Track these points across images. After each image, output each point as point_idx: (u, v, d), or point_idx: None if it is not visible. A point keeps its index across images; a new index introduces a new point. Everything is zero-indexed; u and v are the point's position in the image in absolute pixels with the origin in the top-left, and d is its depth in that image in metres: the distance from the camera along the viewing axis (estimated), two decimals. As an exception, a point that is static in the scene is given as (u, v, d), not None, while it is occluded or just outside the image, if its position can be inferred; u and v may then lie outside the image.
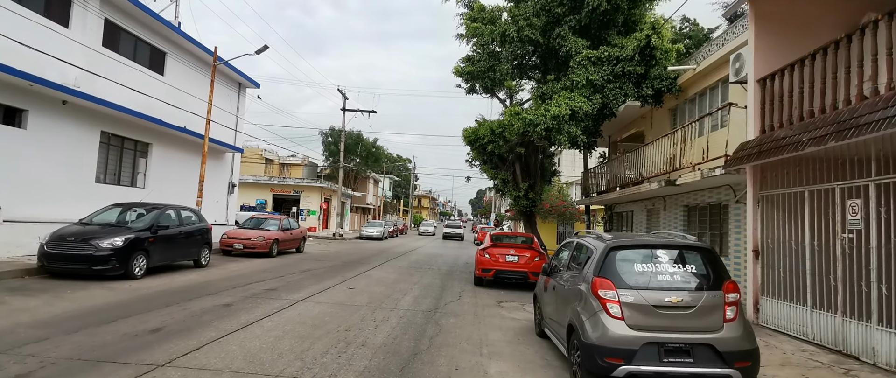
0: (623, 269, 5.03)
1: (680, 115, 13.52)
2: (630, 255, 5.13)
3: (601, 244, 5.33)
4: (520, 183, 17.93)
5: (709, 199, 11.23)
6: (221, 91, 20.90)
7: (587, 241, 5.86)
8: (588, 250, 5.62)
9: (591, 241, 5.70)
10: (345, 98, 34.98)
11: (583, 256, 5.75)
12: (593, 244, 5.56)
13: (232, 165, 22.26)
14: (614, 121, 16.17)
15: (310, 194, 37.47)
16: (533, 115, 12.84)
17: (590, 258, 5.38)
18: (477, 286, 13.05)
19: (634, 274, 4.96)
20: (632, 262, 5.06)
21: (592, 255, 5.35)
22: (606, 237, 5.51)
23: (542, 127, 12.59)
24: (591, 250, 5.47)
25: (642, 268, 5.00)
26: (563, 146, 15.80)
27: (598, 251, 5.24)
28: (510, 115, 13.95)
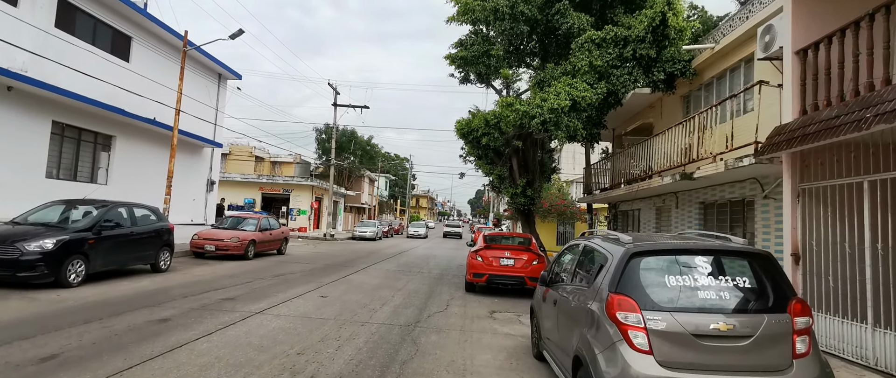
0: (650, 282, 3.69)
1: (694, 103, 12.18)
2: (659, 264, 3.79)
3: (619, 248, 3.98)
4: (517, 179, 16.58)
5: (730, 195, 9.90)
6: (198, 82, 19.58)
7: (599, 244, 4.51)
8: (601, 256, 4.27)
9: (605, 245, 4.35)
10: (336, 93, 33.65)
11: (593, 264, 4.41)
12: (607, 248, 4.21)
13: (211, 161, 20.91)
14: (619, 111, 14.85)
15: (300, 193, 36.12)
16: (528, 107, 11.51)
17: (604, 267, 4.04)
18: (468, 293, 11.71)
19: (666, 289, 3.63)
20: (662, 273, 3.72)
21: (608, 263, 4.00)
22: (625, 239, 4.16)
23: (538, 120, 11.25)
24: (606, 256, 4.13)
25: (676, 281, 3.65)
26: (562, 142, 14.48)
27: (616, 258, 3.90)
28: (503, 105, 12.61)
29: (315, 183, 36.47)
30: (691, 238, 4.47)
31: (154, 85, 16.19)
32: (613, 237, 4.44)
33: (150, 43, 16.59)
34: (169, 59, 17.18)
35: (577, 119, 11.45)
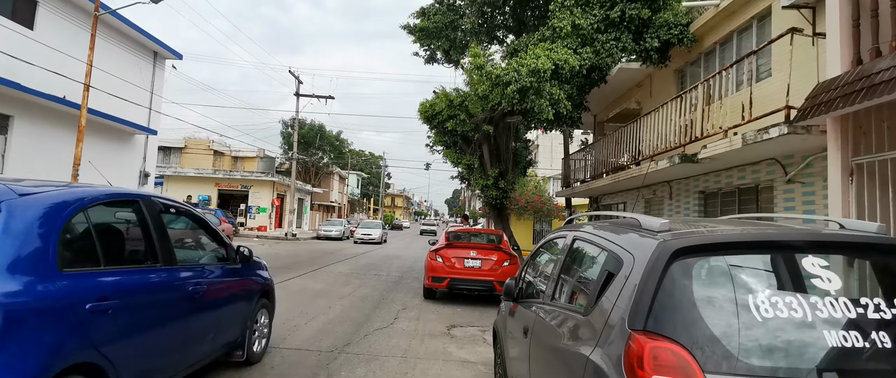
0: (714, 309, 1.79)
1: (691, 78, 10.48)
2: (730, 271, 1.89)
3: (645, 243, 2.06)
4: (488, 169, 14.70)
5: (740, 181, 8.18)
6: (128, 59, 17.17)
7: (602, 237, 2.54)
8: (608, 258, 2.32)
9: (615, 237, 2.40)
10: (298, 82, 31.33)
11: (592, 271, 2.52)
12: (621, 243, 2.26)
13: (145, 151, 18.48)
14: (602, 92, 13.14)
15: (260, 189, 33.65)
16: (501, 71, 9.60)
17: (616, 278, 2.10)
18: (427, 300, 9.77)
19: (750, 325, 1.73)
20: (738, 291, 1.82)
21: (623, 271, 2.07)
22: (651, 224, 2.21)
23: (514, 87, 9.34)
24: (619, 258, 2.18)
25: (771, 306, 1.75)
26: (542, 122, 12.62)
27: (641, 260, 1.97)
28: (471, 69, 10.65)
29: (276, 179, 34.03)
30: (765, 223, 2.57)
31: (67, 58, 13.78)
32: (629, 222, 2.52)
33: (61, 8, 14.16)
34: (87, 28, 14.76)
35: (560, 89, 9.60)
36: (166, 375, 3.51)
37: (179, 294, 3.63)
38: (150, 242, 3.49)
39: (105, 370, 2.75)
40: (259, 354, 5.08)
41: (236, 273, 4.66)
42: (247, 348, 4.72)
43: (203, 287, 3.91)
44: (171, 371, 3.55)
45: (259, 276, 5.24)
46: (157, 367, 3.38)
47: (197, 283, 3.85)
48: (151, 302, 3.34)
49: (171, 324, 3.52)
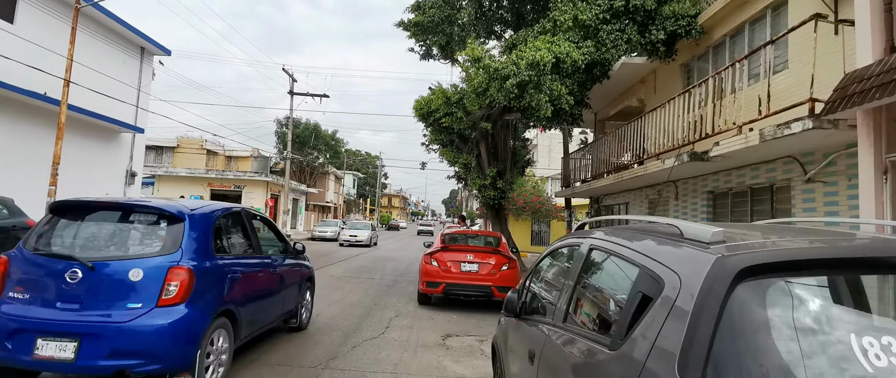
0: (801, 353, 1.29)
1: (699, 73, 10.02)
2: (821, 296, 1.40)
3: (697, 258, 1.55)
4: (486, 168, 14.23)
5: (753, 181, 7.71)
6: (114, 55, 16.62)
7: (633, 250, 1.99)
8: (641, 276, 1.81)
9: (651, 249, 1.87)
10: (293, 80, 30.77)
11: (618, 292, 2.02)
12: (660, 258, 1.74)
13: (132, 150, 17.92)
14: (604, 89, 12.68)
15: (253, 190, 33.06)
16: (500, 64, 9.12)
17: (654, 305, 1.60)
18: (421, 306, 9.28)
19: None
20: (832, 326, 1.32)
21: (664, 296, 1.56)
22: (698, 232, 1.68)
23: (513, 82, 8.86)
24: (658, 278, 1.66)
25: (882, 349, 1.26)
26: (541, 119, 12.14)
27: (694, 282, 1.46)
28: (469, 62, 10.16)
29: (270, 179, 33.47)
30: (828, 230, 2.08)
31: (48, 54, 13.22)
32: (664, 229, 2.01)
33: (42, 1, 13.61)
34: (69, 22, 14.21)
35: (561, 84, 9.12)
36: (259, 326, 5.26)
37: (266, 273, 5.40)
38: (248, 238, 5.26)
39: (235, 316, 4.54)
40: (306, 324, 6.80)
41: (292, 262, 6.27)
42: (299, 318, 6.48)
43: (276, 270, 5.67)
44: (261, 323, 5.29)
45: (305, 265, 6.87)
46: (255, 320, 5.07)
47: (273, 266, 5.61)
48: (253, 277, 5.07)
49: (262, 292, 5.25)
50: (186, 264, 3.93)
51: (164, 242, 4.04)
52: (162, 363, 3.70)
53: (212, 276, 4.20)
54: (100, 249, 4.01)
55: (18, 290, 3.82)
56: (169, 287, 3.82)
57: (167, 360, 3.73)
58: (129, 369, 3.64)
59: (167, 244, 4.02)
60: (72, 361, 3.56)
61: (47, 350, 3.58)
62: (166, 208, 4.23)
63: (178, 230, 4.10)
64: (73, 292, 3.74)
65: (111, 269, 3.83)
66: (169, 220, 4.18)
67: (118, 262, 3.87)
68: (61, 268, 3.80)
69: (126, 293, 3.76)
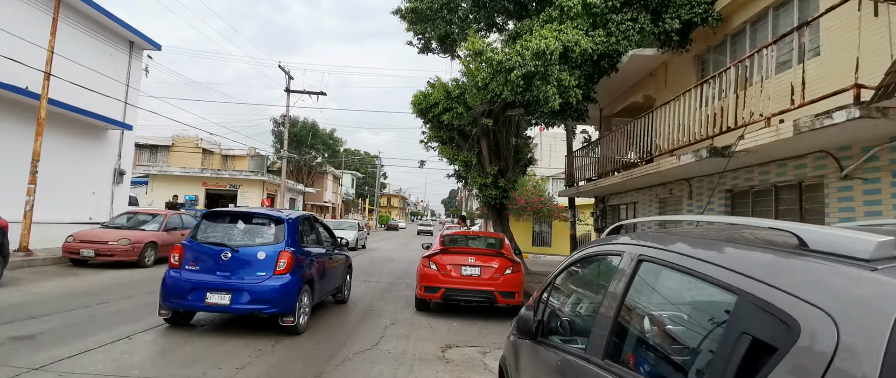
0: None
1: (715, 65, 9.42)
2: None
3: (862, 289, 0.94)
4: (487, 167, 13.64)
5: (780, 177, 7.12)
6: (101, 49, 16.01)
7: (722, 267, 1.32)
8: (745, 311, 1.17)
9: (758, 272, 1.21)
10: (289, 77, 30.15)
11: (703, 327, 1.41)
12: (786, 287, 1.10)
13: (120, 147, 17.29)
14: (611, 82, 12.09)
15: (249, 189, 32.44)
16: (503, 56, 8.52)
17: (784, 356, 0.99)
18: (419, 312, 8.68)
19: None
20: None
21: (815, 345, 0.95)
22: (848, 243, 1.07)
23: (518, 73, 8.26)
24: (783, 316, 1.04)
25: None
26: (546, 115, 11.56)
27: (870, 334, 0.86)
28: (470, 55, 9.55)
29: (266, 178, 32.84)
30: None
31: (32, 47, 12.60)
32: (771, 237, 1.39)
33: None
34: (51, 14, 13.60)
35: (570, 75, 8.53)
36: (323, 294, 7.60)
37: (326, 258, 7.63)
38: (316, 234, 7.65)
39: (312, 285, 6.81)
40: (347, 298, 9.12)
41: (340, 252, 8.71)
42: (343, 293, 8.90)
43: (332, 257, 8.01)
44: (324, 292, 7.60)
45: (347, 255, 9.28)
46: (322, 289, 7.38)
47: (329, 255, 7.88)
48: (320, 260, 7.30)
49: (325, 271, 7.50)
50: (288, 249, 6.35)
51: (275, 236, 6.48)
52: (277, 308, 6.11)
53: (301, 258, 6.59)
54: (238, 240, 6.45)
55: (192, 265, 6.27)
56: (280, 263, 6.23)
57: (280, 307, 6.12)
58: (259, 311, 6.07)
59: (277, 237, 6.46)
60: (227, 305, 6.03)
61: (213, 299, 6.03)
62: (273, 214, 6.74)
63: (281, 228, 6.55)
64: (225, 265, 6.20)
65: (247, 252, 6.30)
66: (275, 222, 6.64)
67: (250, 248, 6.35)
68: (217, 251, 6.28)
69: (256, 266, 6.21)
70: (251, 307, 6.02)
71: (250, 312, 6.14)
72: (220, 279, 6.12)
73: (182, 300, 6.10)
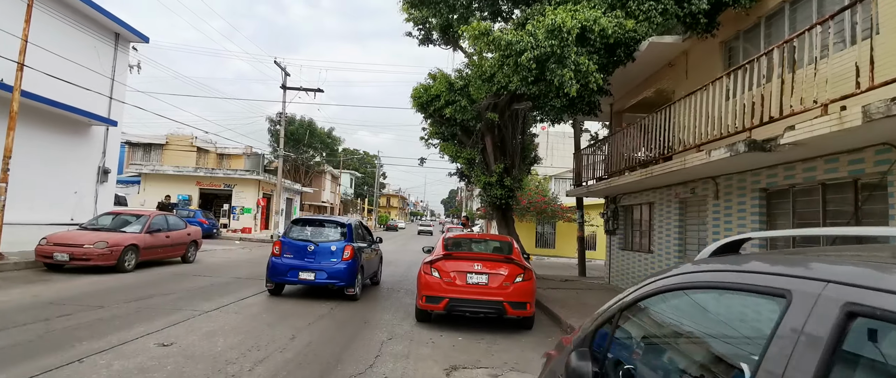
0: None
1: (744, 51, 8.59)
2: None
3: None
4: (491, 164, 12.81)
5: (830, 174, 6.29)
6: (83, 40, 15.17)
7: None
8: None
9: None
10: (285, 74, 29.32)
11: None
12: None
13: (104, 145, 16.44)
14: (623, 76, 11.32)
15: (244, 189, 31.60)
16: (513, 35, 7.68)
17: None
18: (420, 323, 7.85)
19: None
20: None
21: None
22: None
23: (530, 56, 7.42)
24: None
25: None
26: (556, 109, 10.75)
27: None
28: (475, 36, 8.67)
29: (262, 177, 31.99)
30: None
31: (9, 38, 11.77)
32: None
33: (-5, -24, 12.15)
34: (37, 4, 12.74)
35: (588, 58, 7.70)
36: (367, 276, 10.50)
37: (369, 251, 10.59)
38: (363, 233, 10.83)
39: (363, 269, 9.92)
40: (380, 281, 12.05)
41: (375, 246, 11.45)
42: (377, 277, 11.80)
43: (371, 250, 10.83)
44: (367, 275, 10.49)
45: (380, 248, 12.08)
46: (367, 273, 10.35)
47: (371, 249, 10.80)
48: (366, 253, 10.21)
49: (368, 260, 10.42)
50: (350, 244, 9.25)
51: (341, 235, 9.45)
52: (344, 282, 9.03)
53: (357, 250, 9.39)
54: (317, 237, 9.43)
55: (288, 254, 9.24)
56: (346, 253, 9.13)
57: (346, 282, 9.06)
58: (332, 284, 8.99)
59: (342, 236, 9.45)
60: (312, 280, 9.01)
61: (303, 276, 9.05)
62: (339, 220, 9.87)
63: (345, 230, 9.57)
64: (310, 255, 9.19)
65: (323, 245, 9.25)
66: (341, 225, 9.67)
67: (326, 243, 9.30)
68: (304, 244, 9.28)
69: (331, 255, 9.15)
70: (327, 281, 9.12)
71: (326, 285, 9.23)
72: (306, 263, 9.24)
73: (282, 277, 9.27)
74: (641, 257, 12.05)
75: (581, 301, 10.31)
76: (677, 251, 10.23)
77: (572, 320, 8.05)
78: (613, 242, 14.00)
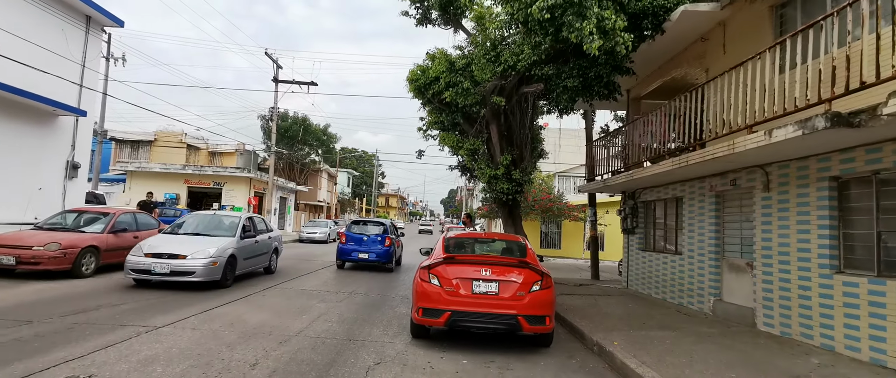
0: None
1: (804, 13, 7.25)
2: None
3: None
4: (497, 156, 11.47)
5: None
6: (50, 22, 13.82)
7: None
8: None
9: None
10: (277, 66, 27.99)
11: None
12: None
13: (74, 137, 15.08)
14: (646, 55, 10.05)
15: (235, 186, 30.24)
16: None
17: None
18: (416, 340, 6.52)
19: None
20: None
21: None
22: None
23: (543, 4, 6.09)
24: None
25: None
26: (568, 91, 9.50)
27: None
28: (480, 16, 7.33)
29: (253, 175, 30.63)
30: None
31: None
32: None
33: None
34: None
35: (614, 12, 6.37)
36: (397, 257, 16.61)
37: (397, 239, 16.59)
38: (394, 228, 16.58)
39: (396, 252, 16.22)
40: (401, 261, 17.35)
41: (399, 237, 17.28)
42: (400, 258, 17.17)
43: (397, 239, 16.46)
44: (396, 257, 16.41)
45: (401, 237, 18.82)
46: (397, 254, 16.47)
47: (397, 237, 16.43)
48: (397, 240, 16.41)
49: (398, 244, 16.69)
50: (389, 235, 15.00)
51: (383, 229, 15.24)
52: (386, 260, 14.76)
53: (393, 239, 15.21)
54: (368, 231, 15.15)
55: (350, 242, 14.85)
56: (387, 241, 14.83)
57: (387, 260, 14.79)
58: (379, 261, 14.70)
59: (384, 230, 15.21)
60: (366, 259, 14.61)
61: (360, 255, 14.62)
62: (383, 222, 16.19)
63: (385, 226, 15.56)
64: (364, 243, 14.80)
65: (373, 237, 14.93)
66: (382, 224, 15.75)
67: (374, 235, 15.00)
68: (360, 236, 14.96)
69: (377, 242, 14.83)
70: (376, 260, 14.52)
71: (374, 262, 14.59)
72: (362, 248, 14.54)
73: (347, 256, 14.64)
74: (666, 259, 10.71)
75: (602, 310, 8.98)
76: (713, 252, 8.89)
77: (598, 336, 6.71)
78: (632, 242, 12.65)
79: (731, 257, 8.60)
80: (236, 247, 10.19)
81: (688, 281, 9.66)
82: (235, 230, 10.56)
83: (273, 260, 12.65)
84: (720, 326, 7.70)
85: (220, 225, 10.94)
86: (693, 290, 9.45)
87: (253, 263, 11.21)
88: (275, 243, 12.81)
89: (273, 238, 12.76)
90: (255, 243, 11.19)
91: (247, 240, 10.79)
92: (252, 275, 11.75)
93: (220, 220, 11.15)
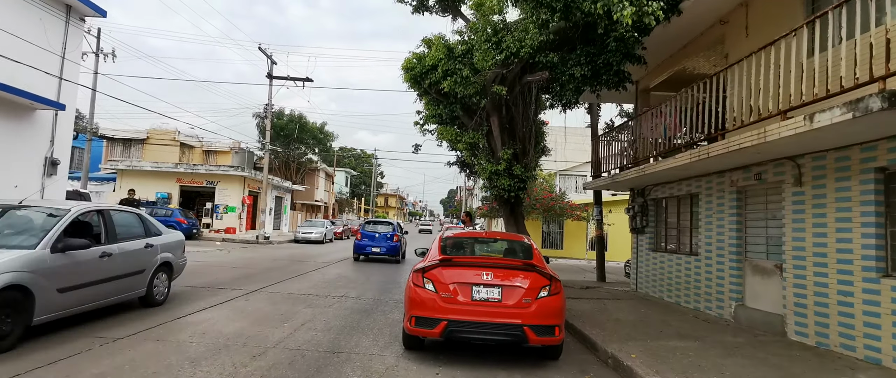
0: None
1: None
2: None
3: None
4: (498, 150, 10.74)
5: None
6: (26, 11, 13.08)
7: None
8: None
9: None
10: (272, 62, 27.27)
11: None
12: None
13: (53, 132, 14.33)
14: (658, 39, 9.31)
15: (229, 186, 29.51)
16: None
17: None
18: (408, 352, 5.80)
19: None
20: None
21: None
22: None
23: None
24: None
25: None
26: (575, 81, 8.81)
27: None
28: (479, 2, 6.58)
29: (248, 173, 29.89)
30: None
31: None
32: None
33: None
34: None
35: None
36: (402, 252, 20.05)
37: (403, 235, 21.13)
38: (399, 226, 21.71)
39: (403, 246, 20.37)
40: (405, 254, 20.02)
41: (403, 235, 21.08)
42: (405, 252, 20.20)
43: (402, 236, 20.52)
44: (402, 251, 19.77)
45: (404, 234, 22.34)
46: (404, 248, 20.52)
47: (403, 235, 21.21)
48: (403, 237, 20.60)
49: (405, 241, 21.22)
50: (397, 233, 18.55)
51: (393, 228, 18.74)
52: (395, 254, 18.11)
53: (400, 235, 19.11)
54: (379, 229, 18.60)
55: (366, 239, 18.08)
56: (395, 237, 18.20)
57: (396, 254, 18.15)
58: (389, 255, 17.94)
59: (393, 228, 18.67)
60: (379, 253, 17.92)
61: (373, 250, 17.90)
62: (392, 222, 20.18)
63: (394, 225, 19.21)
64: (377, 238, 18.14)
65: (383, 233, 18.31)
66: (391, 224, 19.31)
67: (384, 232, 18.39)
68: (373, 233, 18.38)
69: (387, 238, 18.12)
70: (386, 254, 17.82)
71: (385, 255, 17.82)
72: (375, 243, 17.80)
73: (362, 251, 17.85)
74: (680, 260, 9.99)
75: (612, 316, 8.26)
76: (734, 253, 8.17)
77: (613, 347, 6.00)
78: (642, 242, 11.93)
79: (755, 258, 7.87)
80: (36, 267, 5.20)
81: (705, 284, 8.94)
82: (44, 235, 5.47)
83: (157, 282, 7.43)
84: (746, 335, 6.98)
85: (27, 225, 5.84)
86: (711, 294, 8.73)
87: (99, 293, 6.22)
88: (162, 256, 7.54)
89: (156, 246, 7.45)
90: (101, 259, 6.17)
91: (78, 253, 5.78)
92: (109, 310, 6.92)
93: (28, 218, 6.01)
